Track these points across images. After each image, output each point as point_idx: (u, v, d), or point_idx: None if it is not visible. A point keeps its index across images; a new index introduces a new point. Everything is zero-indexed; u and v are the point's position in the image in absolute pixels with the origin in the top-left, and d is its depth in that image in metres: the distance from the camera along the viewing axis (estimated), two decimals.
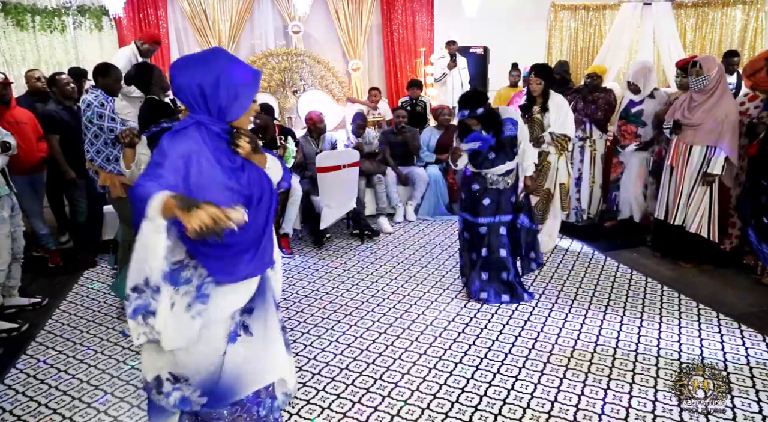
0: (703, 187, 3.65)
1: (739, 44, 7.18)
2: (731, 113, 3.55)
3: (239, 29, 6.91)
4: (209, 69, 1.49)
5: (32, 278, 4.02)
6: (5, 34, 5.97)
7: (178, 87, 1.51)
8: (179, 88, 1.51)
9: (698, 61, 3.61)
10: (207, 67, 1.49)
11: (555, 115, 4.02)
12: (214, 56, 1.53)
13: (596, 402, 2.35)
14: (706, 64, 3.57)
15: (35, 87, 4.57)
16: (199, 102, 1.50)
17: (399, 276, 3.92)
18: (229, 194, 1.47)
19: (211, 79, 1.48)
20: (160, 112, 3.20)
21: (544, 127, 4.04)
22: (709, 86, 3.58)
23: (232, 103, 1.51)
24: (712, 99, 3.59)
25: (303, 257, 4.39)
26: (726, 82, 3.70)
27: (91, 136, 3.54)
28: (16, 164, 3.81)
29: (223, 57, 1.53)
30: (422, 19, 7.42)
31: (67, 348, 2.99)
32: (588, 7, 7.49)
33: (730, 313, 3.13)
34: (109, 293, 3.69)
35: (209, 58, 1.52)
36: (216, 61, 1.50)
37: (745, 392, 2.39)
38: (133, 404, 2.44)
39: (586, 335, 2.96)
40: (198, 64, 1.50)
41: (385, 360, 2.76)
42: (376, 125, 6.37)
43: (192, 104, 1.51)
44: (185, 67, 1.51)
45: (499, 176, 3.38)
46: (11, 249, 3.20)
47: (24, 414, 2.40)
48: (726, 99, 3.60)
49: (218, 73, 1.48)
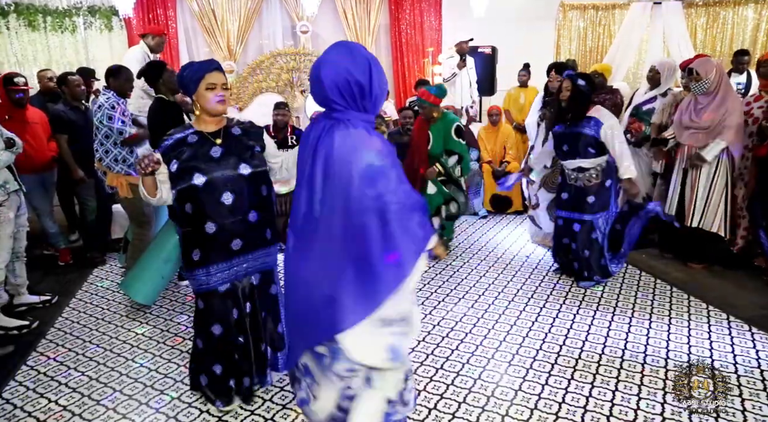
0: (721, 188, 3.63)
1: (750, 44, 7.09)
2: (734, 110, 3.52)
3: (248, 29, 6.94)
4: (359, 62, 1.47)
5: (42, 276, 4.06)
6: (17, 35, 6.03)
7: (329, 86, 1.47)
8: (330, 88, 1.47)
9: (693, 68, 3.58)
10: (356, 60, 1.47)
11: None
12: (355, 49, 1.51)
13: (604, 404, 2.33)
14: (703, 69, 3.55)
15: (47, 87, 4.62)
16: (353, 97, 1.48)
17: None
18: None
19: (364, 71, 1.47)
20: (169, 112, 3.22)
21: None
22: (711, 88, 3.56)
23: (382, 92, 1.53)
24: (716, 99, 3.57)
25: None
26: (727, 80, 3.68)
27: (101, 136, 3.58)
28: (26, 163, 3.85)
29: (362, 48, 1.53)
30: (430, 19, 7.41)
31: (77, 345, 3.02)
32: (597, 6, 7.44)
33: (741, 315, 3.10)
34: (118, 291, 3.72)
35: (353, 51, 1.49)
36: (360, 54, 1.49)
37: (755, 395, 2.37)
38: (141, 401, 2.46)
39: (595, 336, 2.94)
40: (346, 60, 1.47)
41: None
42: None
43: (339, 102, 1.49)
44: (333, 65, 1.47)
45: (573, 170, 3.48)
46: (12, 248, 3.22)
47: (34, 410, 2.42)
48: (730, 97, 3.58)
49: (368, 64, 1.48)
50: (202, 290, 2.17)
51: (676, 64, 4.48)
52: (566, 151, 3.50)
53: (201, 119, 2.14)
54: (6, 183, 3.09)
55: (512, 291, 3.60)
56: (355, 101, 1.49)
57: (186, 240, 2.15)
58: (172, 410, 2.39)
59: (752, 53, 6.11)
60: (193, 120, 2.17)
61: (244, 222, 2.12)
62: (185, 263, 2.17)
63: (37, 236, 4.33)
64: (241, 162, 2.11)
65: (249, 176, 2.11)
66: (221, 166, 2.07)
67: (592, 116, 3.38)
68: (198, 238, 2.09)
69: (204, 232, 2.07)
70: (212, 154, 2.08)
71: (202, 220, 2.06)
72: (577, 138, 3.40)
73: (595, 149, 3.40)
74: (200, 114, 2.12)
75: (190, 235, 2.12)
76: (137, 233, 3.68)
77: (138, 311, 3.42)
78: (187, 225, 2.12)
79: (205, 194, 2.04)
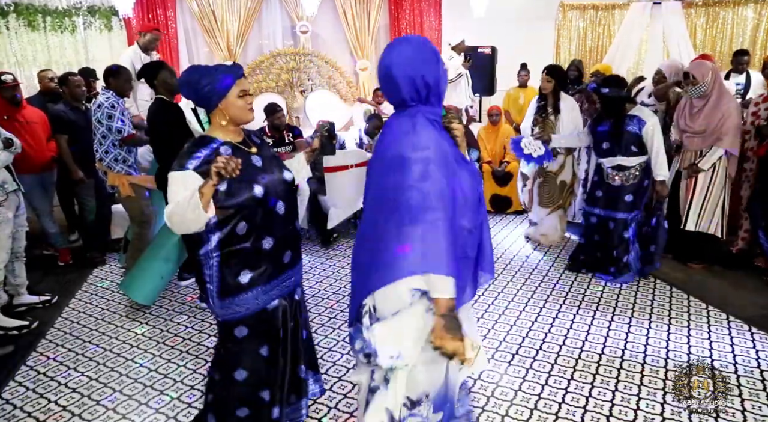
0: (718, 191, 3.63)
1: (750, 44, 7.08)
2: (730, 113, 3.52)
3: (247, 29, 6.94)
4: (427, 56, 1.48)
5: (42, 276, 4.06)
6: (17, 35, 6.02)
7: (403, 84, 1.48)
8: (405, 85, 1.48)
9: (690, 73, 3.58)
10: (425, 55, 1.48)
11: (567, 118, 4.06)
12: (421, 43, 1.51)
13: (604, 404, 2.33)
14: (699, 72, 3.55)
15: (48, 87, 4.61)
16: (424, 92, 1.49)
17: None
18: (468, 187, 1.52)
19: (434, 65, 1.48)
20: (169, 114, 3.20)
21: (556, 130, 4.08)
22: (707, 91, 3.57)
23: (446, 82, 1.54)
24: (710, 102, 3.56)
25: (310, 257, 4.40)
26: (722, 82, 3.68)
27: (99, 136, 3.58)
28: (26, 163, 3.85)
29: (426, 40, 1.54)
30: (430, 19, 7.41)
31: (77, 345, 3.02)
32: (597, 6, 7.44)
33: (740, 315, 3.11)
34: (118, 291, 3.72)
35: (420, 46, 1.50)
36: (427, 48, 1.50)
37: (755, 395, 2.37)
38: (141, 401, 2.46)
39: (594, 336, 2.94)
40: (416, 55, 1.48)
41: None
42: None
43: (413, 98, 1.50)
44: (404, 63, 1.47)
45: (611, 168, 3.52)
46: (12, 248, 3.22)
47: (34, 410, 2.42)
48: (724, 99, 3.57)
49: (436, 56, 1.49)
50: (249, 313, 1.87)
51: (679, 65, 4.46)
52: (606, 149, 3.55)
53: (225, 130, 1.87)
54: (4, 183, 3.09)
55: (512, 291, 3.60)
56: (426, 95, 1.50)
57: (227, 263, 1.82)
58: (172, 410, 2.39)
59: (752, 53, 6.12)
60: (212, 131, 1.88)
61: (293, 231, 1.97)
62: (222, 292, 1.84)
63: (37, 236, 4.33)
64: (282, 168, 1.95)
65: (291, 182, 1.96)
66: (268, 174, 1.87)
67: (636, 115, 3.45)
68: (249, 258, 1.83)
69: (261, 249, 1.85)
70: (255, 163, 1.87)
71: (258, 236, 1.84)
72: (621, 136, 3.46)
73: (637, 147, 3.45)
74: (226, 124, 1.86)
75: (236, 256, 1.82)
76: (137, 233, 3.68)
77: (138, 312, 3.42)
78: (234, 246, 1.81)
79: (263, 206, 1.83)
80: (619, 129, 3.47)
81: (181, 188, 1.69)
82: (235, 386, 1.93)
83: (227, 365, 1.93)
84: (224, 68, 1.82)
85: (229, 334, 1.90)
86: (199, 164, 1.73)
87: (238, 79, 1.82)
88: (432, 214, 1.37)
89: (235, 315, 1.85)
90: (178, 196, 1.67)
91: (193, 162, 1.74)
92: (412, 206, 1.37)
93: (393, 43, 1.53)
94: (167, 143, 3.21)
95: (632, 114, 3.45)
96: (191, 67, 1.86)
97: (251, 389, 1.93)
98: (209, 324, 3.23)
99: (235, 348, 1.91)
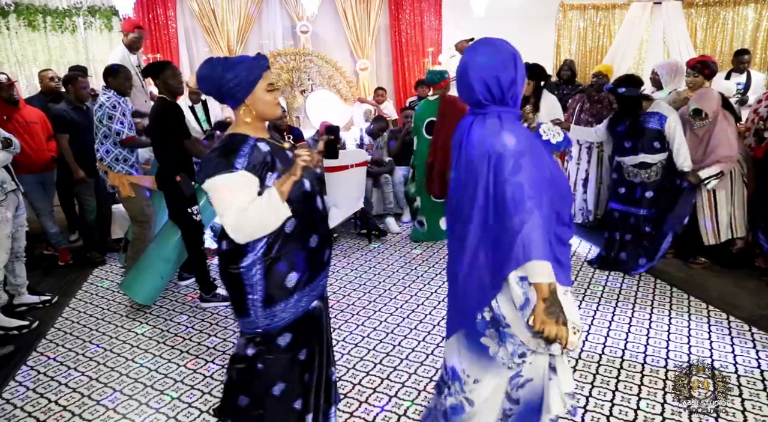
0: (740, 194, 3.64)
1: (750, 43, 7.09)
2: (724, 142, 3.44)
3: (247, 29, 6.94)
4: (506, 59, 1.51)
5: (42, 276, 4.06)
6: (17, 35, 6.03)
7: (478, 86, 1.52)
8: (479, 87, 1.52)
9: (703, 111, 3.47)
10: (503, 58, 1.51)
11: (546, 116, 4.01)
12: (501, 46, 1.54)
13: (604, 404, 2.33)
14: (711, 108, 3.46)
15: (48, 87, 4.61)
16: (499, 93, 1.52)
17: (406, 276, 3.91)
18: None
19: (511, 68, 1.51)
20: (169, 114, 3.19)
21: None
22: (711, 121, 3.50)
23: (523, 82, 1.56)
24: (710, 131, 3.49)
25: None
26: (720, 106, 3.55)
27: (101, 136, 3.58)
28: (26, 163, 3.85)
29: (506, 43, 1.55)
30: (430, 18, 7.41)
31: (77, 345, 3.02)
32: (597, 6, 7.44)
33: (741, 315, 3.10)
34: (118, 291, 3.72)
35: (498, 49, 1.53)
36: (506, 50, 1.53)
37: (755, 395, 2.37)
38: (141, 401, 2.46)
39: (594, 336, 2.94)
40: (494, 59, 1.51)
41: (392, 360, 2.76)
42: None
43: (486, 99, 1.53)
44: (482, 65, 1.51)
45: (634, 166, 3.54)
46: (11, 248, 3.23)
47: (34, 410, 2.42)
48: (718, 123, 3.48)
49: (514, 59, 1.51)
50: (295, 317, 1.75)
51: (679, 65, 4.42)
52: (629, 147, 3.57)
53: (252, 126, 1.71)
54: (3, 183, 3.09)
55: None
56: (502, 96, 1.53)
57: (273, 268, 1.68)
58: (172, 410, 2.39)
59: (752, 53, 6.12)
60: (238, 128, 1.71)
61: (328, 227, 1.88)
62: (267, 300, 1.70)
63: (37, 236, 4.34)
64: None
65: (320, 177, 1.95)
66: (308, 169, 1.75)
67: (656, 111, 3.47)
68: (296, 258, 1.71)
69: (307, 248, 1.74)
70: (291, 159, 1.71)
71: (306, 234, 1.73)
72: (642, 134, 3.48)
73: (660, 143, 3.48)
74: (252, 121, 1.71)
75: (284, 259, 1.69)
76: (137, 233, 3.69)
77: (138, 312, 3.42)
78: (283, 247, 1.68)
79: (309, 202, 1.74)
80: (637, 127, 3.49)
81: (243, 192, 1.55)
82: (271, 402, 1.77)
83: (263, 382, 1.77)
84: (250, 60, 1.67)
85: (270, 344, 1.75)
86: (247, 162, 1.59)
87: (265, 72, 1.68)
88: (530, 202, 1.42)
89: (279, 323, 1.73)
90: (240, 201, 1.54)
91: (241, 161, 1.58)
92: (514, 199, 1.43)
93: (474, 44, 1.57)
94: (167, 144, 3.21)
95: (652, 111, 3.48)
96: (211, 61, 1.68)
97: (286, 402, 1.80)
98: (209, 323, 3.23)
99: (275, 360, 1.76)
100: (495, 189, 1.47)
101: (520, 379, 1.64)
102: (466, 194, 1.57)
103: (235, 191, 1.55)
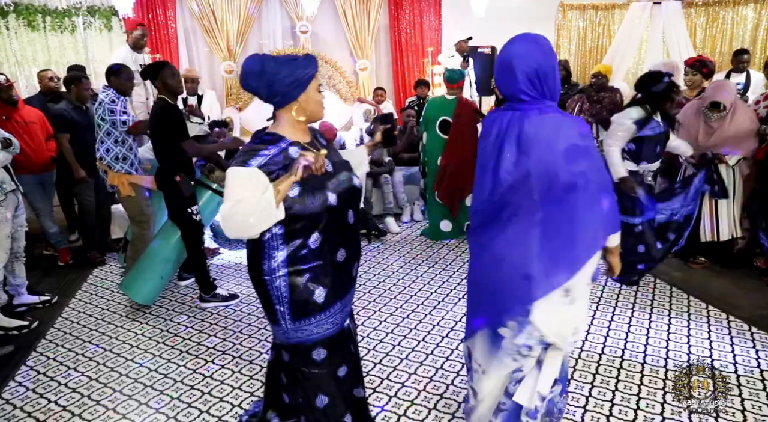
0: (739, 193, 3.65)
1: (750, 43, 7.09)
2: (747, 123, 3.47)
3: (247, 29, 6.94)
4: (547, 52, 1.55)
5: (42, 276, 4.06)
6: (17, 35, 6.02)
7: (522, 79, 1.55)
8: (524, 80, 1.54)
9: (721, 103, 3.44)
10: (544, 51, 1.55)
11: None
12: (540, 39, 1.57)
13: (604, 404, 2.33)
14: (729, 100, 3.46)
15: (48, 87, 4.61)
16: (543, 86, 1.56)
17: (406, 276, 3.91)
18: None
19: (552, 61, 1.54)
20: (169, 115, 3.18)
21: None
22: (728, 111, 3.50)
23: (560, 81, 1.61)
24: (727, 120, 3.49)
25: None
26: (737, 96, 3.60)
27: (102, 134, 3.58)
28: (25, 163, 3.85)
29: (544, 38, 1.58)
30: (430, 18, 7.41)
31: (77, 345, 3.02)
32: (597, 6, 7.44)
33: (741, 315, 3.10)
34: (118, 291, 3.72)
35: (539, 42, 1.57)
36: (546, 44, 1.56)
37: (755, 395, 2.37)
38: (141, 401, 2.46)
39: (594, 336, 2.94)
40: (537, 51, 1.54)
41: (392, 360, 2.76)
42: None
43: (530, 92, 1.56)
44: (526, 58, 1.54)
45: (651, 173, 3.48)
46: (11, 249, 3.22)
47: (34, 410, 2.42)
48: (740, 112, 3.50)
49: (553, 53, 1.56)
50: (329, 335, 1.73)
51: (674, 64, 4.43)
52: (659, 152, 3.40)
53: (297, 128, 1.69)
54: (2, 183, 3.09)
55: None
56: (543, 90, 1.57)
57: (298, 281, 1.65)
58: (172, 410, 2.39)
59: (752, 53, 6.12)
60: (277, 128, 1.69)
61: (359, 242, 1.83)
62: (296, 313, 1.68)
63: (36, 236, 4.33)
64: (351, 174, 1.77)
65: (360, 190, 1.80)
66: (339, 181, 1.69)
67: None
68: (323, 273, 1.68)
69: (335, 263, 1.70)
70: (327, 168, 1.66)
71: (333, 249, 1.69)
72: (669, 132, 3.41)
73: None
74: (304, 120, 1.69)
75: (308, 272, 1.66)
76: (137, 233, 3.68)
77: (138, 312, 3.42)
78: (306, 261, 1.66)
79: (336, 216, 1.68)
80: (673, 124, 3.40)
81: (245, 186, 1.53)
82: (316, 413, 1.77)
83: (306, 390, 1.77)
84: (303, 58, 1.65)
85: (305, 357, 1.74)
86: (264, 162, 1.57)
87: (317, 71, 1.67)
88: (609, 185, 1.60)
89: (311, 337, 1.70)
90: (240, 194, 1.52)
91: (258, 160, 1.57)
92: (599, 182, 1.56)
93: (513, 39, 1.60)
94: (167, 144, 3.21)
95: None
96: (259, 57, 1.64)
97: (334, 417, 1.78)
98: (209, 324, 3.23)
99: (314, 372, 1.75)
100: (576, 177, 1.52)
101: (520, 374, 1.69)
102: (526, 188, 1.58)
103: (240, 185, 1.55)
